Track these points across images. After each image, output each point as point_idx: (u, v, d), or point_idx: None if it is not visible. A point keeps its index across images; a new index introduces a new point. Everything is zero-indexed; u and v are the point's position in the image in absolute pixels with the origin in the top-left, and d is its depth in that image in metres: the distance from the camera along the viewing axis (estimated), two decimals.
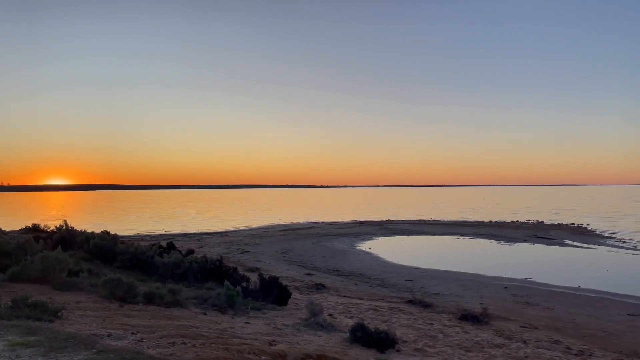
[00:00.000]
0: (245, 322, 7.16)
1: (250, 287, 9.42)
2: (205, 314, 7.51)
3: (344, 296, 11.60)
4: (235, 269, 10.91)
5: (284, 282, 10.92)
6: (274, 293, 9.00)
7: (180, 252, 13.64)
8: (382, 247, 24.38)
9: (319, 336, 6.72)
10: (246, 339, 5.68)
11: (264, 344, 5.41)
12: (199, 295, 8.46)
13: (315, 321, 7.46)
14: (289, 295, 9.31)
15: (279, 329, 6.90)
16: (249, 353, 4.58)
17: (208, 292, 8.57)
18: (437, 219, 44.13)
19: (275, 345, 5.45)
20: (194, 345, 4.69)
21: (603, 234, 30.27)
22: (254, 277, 10.40)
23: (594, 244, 25.07)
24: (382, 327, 7.33)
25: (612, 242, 26.10)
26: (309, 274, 15.59)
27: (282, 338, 6.21)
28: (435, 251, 24.66)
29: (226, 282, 8.21)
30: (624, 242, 25.94)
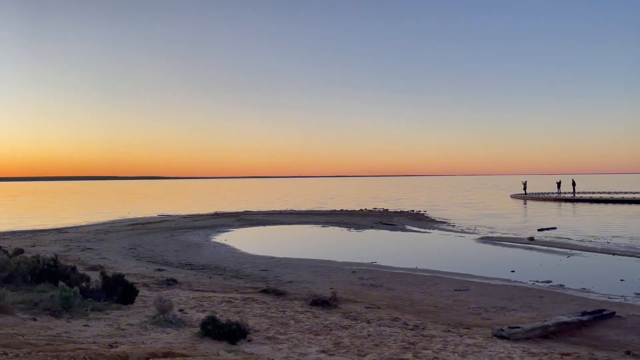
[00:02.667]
0: (84, 325, 6.58)
1: (91, 287, 8.68)
2: (35, 319, 6.74)
3: (197, 290, 11.29)
4: (73, 268, 9.96)
5: (131, 279, 10.28)
6: (118, 292, 8.40)
7: (6, 252, 12.05)
8: (238, 239, 24.28)
9: (168, 333, 6.45)
10: (83, 343, 5.22)
11: (104, 346, 5.01)
12: (28, 299, 7.55)
13: (164, 318, 7.13)
14: (135, 292, 8.76)
15: (122, 329, 6.46)
16: (84, 358, 4.20)
17: (40, 295, 7.69)
18: (293, 209, 45.26)
19: (116, 347, 5.08)
20: (17, 356, 4.16)
21: (437, 219, 33.82)
22: (96, 276, 9.62)
23: (429, 229, 27.89)
24: (235, 318, 7.28)
25: (444, 226, 29.30)
26: (159, 270, 14.87)
27: (126, 339, 5.82)
28: (290, 240, 25.29)
29: (61, 283, 7.44)
30: (453, 226, 29.30)
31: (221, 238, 24.43)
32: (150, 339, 5.98)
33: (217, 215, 38.30)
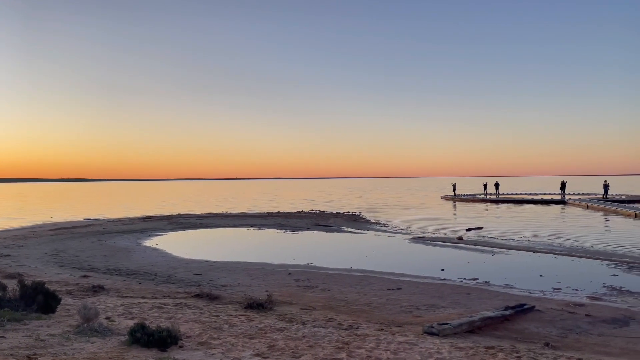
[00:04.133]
0: (0, 337, 6.12)
1: (8, 296, 8.11)
2: None
3: (126, 296, 10.83)
4: None
5: (54, 287, 9.72)
6: (38, 300, 7.89)
7: None
8: (171, 242, 23.57)
9: (93, 343, 6.13)
10: None
11: (21, 359, 4.68)
12: None
13: (89, 327, 6.78)
14: (58, 301, 8.27)
15: (42, 340, 6.07)
16: None
17: None
18: (228, 211, 44.57)
19: (35, 359, 4.76)
20: None
21: (372, 220, 34.51)
22: (13, 285, 8.99)
23: (364, 230, 28.40)
24: (166, 324, 7.06)
25: (378, 227, 29.94)
26: (85, 276, 14.14)
27: (46, 350, 5.47)
28: (225, 243, 24.86)
29: None
30: (387, 227, 30.01)
31: (152, 242, 23.61)
32: (73, 349, 5.66)
33: (148, 218, 36.97)
